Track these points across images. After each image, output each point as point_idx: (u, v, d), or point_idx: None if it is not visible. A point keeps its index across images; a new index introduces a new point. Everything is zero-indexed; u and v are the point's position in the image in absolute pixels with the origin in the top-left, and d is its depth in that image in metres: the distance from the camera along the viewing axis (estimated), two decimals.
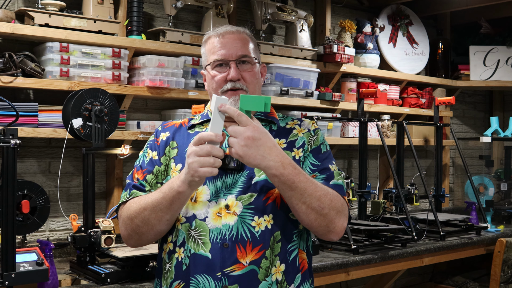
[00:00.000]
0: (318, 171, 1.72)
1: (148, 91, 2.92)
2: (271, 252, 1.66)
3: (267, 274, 1.65)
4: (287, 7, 3.63)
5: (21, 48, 2.70)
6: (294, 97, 3.51)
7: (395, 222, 3.42)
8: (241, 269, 1.63)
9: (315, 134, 1.79)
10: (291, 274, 1.69)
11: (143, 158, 1.82)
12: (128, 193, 1.76)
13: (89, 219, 2.43)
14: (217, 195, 1.67)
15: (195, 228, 1.67)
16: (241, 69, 1.74)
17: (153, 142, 1.83)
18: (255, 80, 1.77)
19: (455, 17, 4.87)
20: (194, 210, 1.68)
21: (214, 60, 1.75)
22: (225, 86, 1.73)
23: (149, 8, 3.23)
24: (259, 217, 1.65)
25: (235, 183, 1.67)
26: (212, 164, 1.50)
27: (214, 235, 1.64)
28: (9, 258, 1.99)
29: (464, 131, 5.21)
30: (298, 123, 1.83)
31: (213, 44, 1.77)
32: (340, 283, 3.85)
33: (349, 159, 4.24)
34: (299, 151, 1.75)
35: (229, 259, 1.63)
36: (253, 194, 1.66)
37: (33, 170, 2.81)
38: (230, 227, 1.64)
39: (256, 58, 1.79)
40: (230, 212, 1.65)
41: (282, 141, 1.76)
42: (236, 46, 1.74)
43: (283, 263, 1.67)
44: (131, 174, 1.81)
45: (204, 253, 1.64)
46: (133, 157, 2.98)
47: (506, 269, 3.61)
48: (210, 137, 1.51)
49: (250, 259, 1.63)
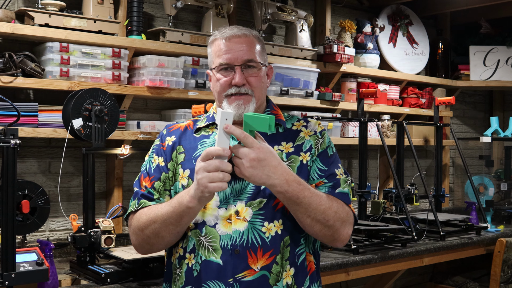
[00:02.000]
0: (325, 177, 1.72)
1: (148, 91, 2.92)
2: (281, 257, 1.66)
3: (278, 279, 1.65)
4: (287, 7, 3.62)
5: (21, 48, 2.70)
6: (294, 97, 3.51)
7: (395, 222, 3.41)
8: (253, 275, 1.63)
9: (321, 137, 1.78)
10: (300, 277, 1.70)
11: (149, 163, 1.80)
12: (137, 203, 1.75)
13: (89, 219, 2.43)
14: (227, 201, 1.66)
15: (205, 235, 1.66)
16: (246, 74, 1.73)
17: (158, 147, 1.81)
18: (260, 84, 1.76)
19: (455, 17, 4.86)
20: (204, 216, 1.67)
21: (219, 64, 1.73)
22: (230, 90, 1.72)
23: (149, 8, 3.23)
24: (269, 222, 1.65)
25: (244, 189, 1.67)
26: (222, 179, 1.50)
27: (224, 242, 1.64)
28: (9, 258, 1.99)
29: (464, 131, 5.21)
30: (304, 124, 1.81)
31: (219, 46, 1.74)
32: (340, 283, 3.85)
33: (349, 159, 4.24)
34: (306, 155, 1.74)
35: (240, 265, 1.63)
36: (263, 200, 1.66)
37: (33, 170, 2.81)
38: (240, 233, 1.64)
39: (262, 62, 1.77)
40: (240, 218, 1.64)
41: (290, 145, 1.75)
42: (242, 50, 1.72)
43: (292, 267, 1.68)
44: (138, 180, 1.79)
45: (215, 259, 1.64)
46: (133, 157, 2.99)
47: (506, 269, 3.61)
48: (218, 152, 1.51)
49: (261, 264, 1.64)
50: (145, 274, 2.33)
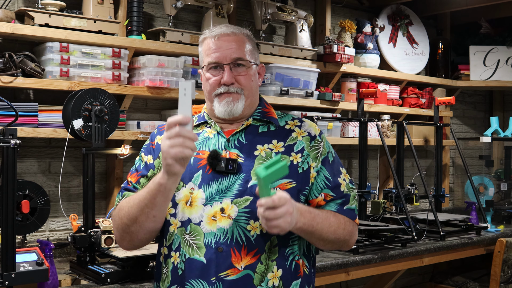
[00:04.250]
0: (330, 189, 1.73)
1: (148, 91, 2.92)
2: (267, 257, 1.64)
3: (262, 279, 1.63)
4: (287, 7, 3.62)
5: (21, 48, 2.70)
6: (294, 97, 3.51)
7: (395, 222, 3.41)
8: (236, 274, 1.61)
9: (321, 141, 1.77)
10: (289, 280, 1.67)
11: (139, 162, 1.80)
12: (120, 195, 1.75)
13: (89, 219, 2.43)
14: (213, 198, 1.65)
15: (190, 233, 1.65)
16: (235, 73, 1.72)
17: (148, 146, 1.81)
18: (250, 82, 1.74)
19: (455, 17, 4.86)
20: (190, 214, 1.66)
21: (208, 63, 1.73)
22: (219, 89, 1.72)
23: (149, 8, 3.23)
24: (254, 221, 1.63)
25: (231, 186, 1.65)
26: (182, 144, 1.46)
27: (208, 239, 1.62)
28: (9, 258, 1.99)
29: (464, 131, 5.21)
30: (299, 124, 1.79)
31: (208, 45, 1.74)
32: (340, 283, 3.85)
33: (349, 159, 4.24)
34: (298, 156, 1.72)
35: (224, 264, 1.61)
36: (249, 197, 1.64)
37: (33, 170, 2.81)
38: (225, 231, 1.62)
39: (252, 61, 1.75)
40: (225, 216, 1.63)
41: (280, 144, 1.73)
42: (230, 49, 1.71)
43: (280, 268, 1.65)
44: (126, 180, 1.80)
45: (198, 257, 1.63)
46: (133, 157, 2.98)
47: (506, 269, 3.61)
48: (178, 119, 1.49)
49: (245, 263, 1.62)
50: (145, 274, 2.33)
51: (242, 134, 1.74)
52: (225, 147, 1.72)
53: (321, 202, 1.73)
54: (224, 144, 1.72)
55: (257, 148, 1.71)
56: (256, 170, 1.48)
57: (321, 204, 1.74)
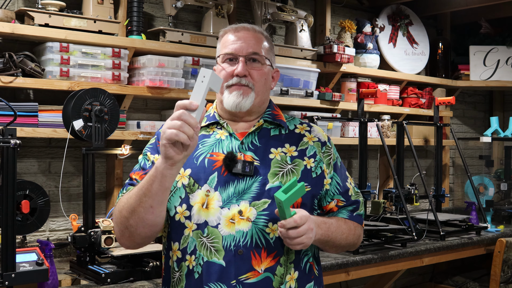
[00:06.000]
0: (341, 195, 1.79)
1: (148, 91, 2.92)
2: (285, 259, 1.64)
3: (281, 281, 1.63)
4: (287, 7, 3.62)
5: (21, 48, 2.70)
6: (294, 97, 3.51)
7: (395, 222, 3.41)
8: (256, 277, 1.60)
9: (331, 147, 1.81)
10: (304, 282, 1.68)
11: (144, 161, 1.75)
12: (125, 190, 1.71)
13: (89, 219, 2.43)
14: (230, 201, 1.63)
15: (208, 235, 1.62)
16: (249, 67, 1.71)
17: (154, 145, 1.76)
18: (263, 80, 1.73)
19: (455, 17, 4.86)
20: (206, 216, 1.62)
21: (224, 54, 1.72)
22: (231, 80, 1.70)
23: (149, 8, 3.23)
24: (273, 223, 1.62)
25: (248, 188, 1.64)
26: (179, 127, 1.41)
27: (227, 242, 1.60)
28: (9, 258, 1.99)
29: (464, 131, 5.21)
30: (308, 129, 1.80)
31: (227, 37, 1.74)
32: (340, 283, 3.85)
33: (349, 159, 4.24)
34: (310, 161, 1.73)
35: (244, 266, 1.60)
36: (267, 200, 1.63)
37: (33, 170, 2.81)
38: (244, 233, 1.60)
39: (268, 59, 1.75)
40: (244, 218, 1.61)
41: (293, 149, 1.73)
42: (248, 43, 1.71)
43: (297, 271, 1.66)
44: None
45: (217, 260, 1.60)
46: (133, 157, 2.99)
47: (506, 269, 3.61)
48: (184, 104, 1.47)
49: (265, 266, 1.61)
50: (145, 274, 2.33)
51: (255, 136, 1.73)
52: (239, 150, 1.70)
53: (334, 208, 1.79)
54: (238, 147, 1.70)
55: (271, 152, 1.71)
56: (275, 195, 1.53)
57: (333, 210, 1.80)
